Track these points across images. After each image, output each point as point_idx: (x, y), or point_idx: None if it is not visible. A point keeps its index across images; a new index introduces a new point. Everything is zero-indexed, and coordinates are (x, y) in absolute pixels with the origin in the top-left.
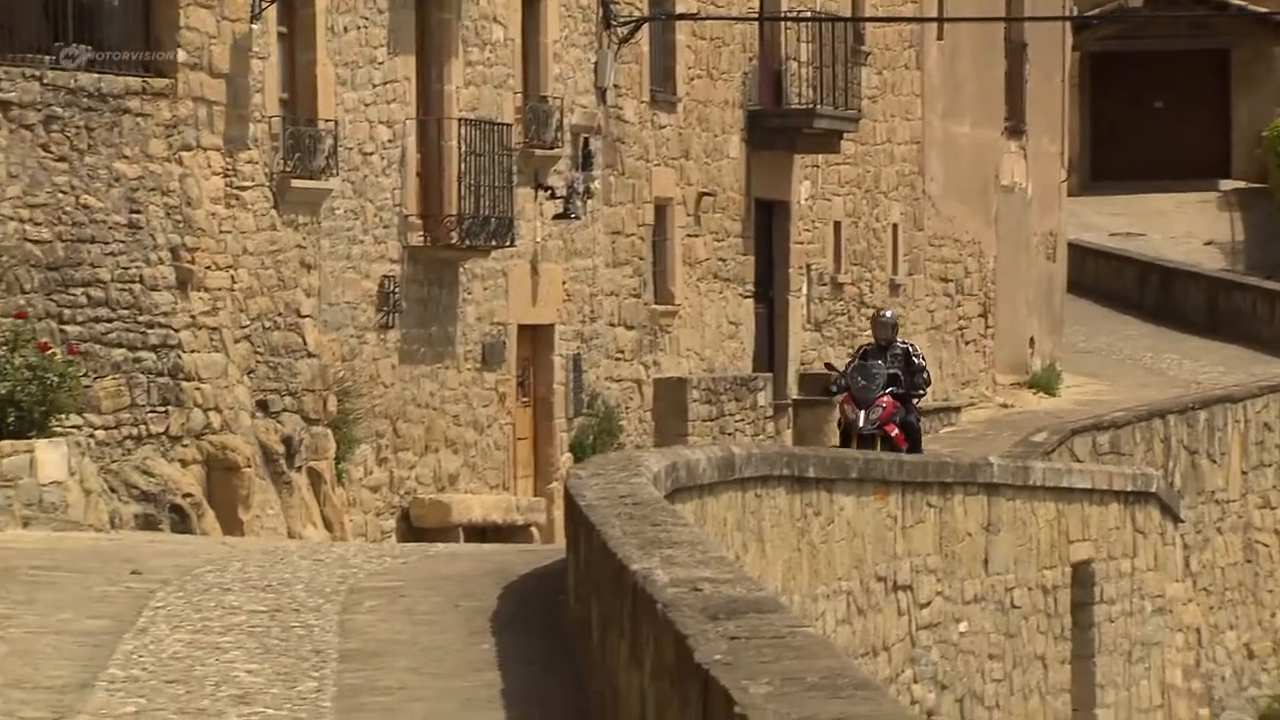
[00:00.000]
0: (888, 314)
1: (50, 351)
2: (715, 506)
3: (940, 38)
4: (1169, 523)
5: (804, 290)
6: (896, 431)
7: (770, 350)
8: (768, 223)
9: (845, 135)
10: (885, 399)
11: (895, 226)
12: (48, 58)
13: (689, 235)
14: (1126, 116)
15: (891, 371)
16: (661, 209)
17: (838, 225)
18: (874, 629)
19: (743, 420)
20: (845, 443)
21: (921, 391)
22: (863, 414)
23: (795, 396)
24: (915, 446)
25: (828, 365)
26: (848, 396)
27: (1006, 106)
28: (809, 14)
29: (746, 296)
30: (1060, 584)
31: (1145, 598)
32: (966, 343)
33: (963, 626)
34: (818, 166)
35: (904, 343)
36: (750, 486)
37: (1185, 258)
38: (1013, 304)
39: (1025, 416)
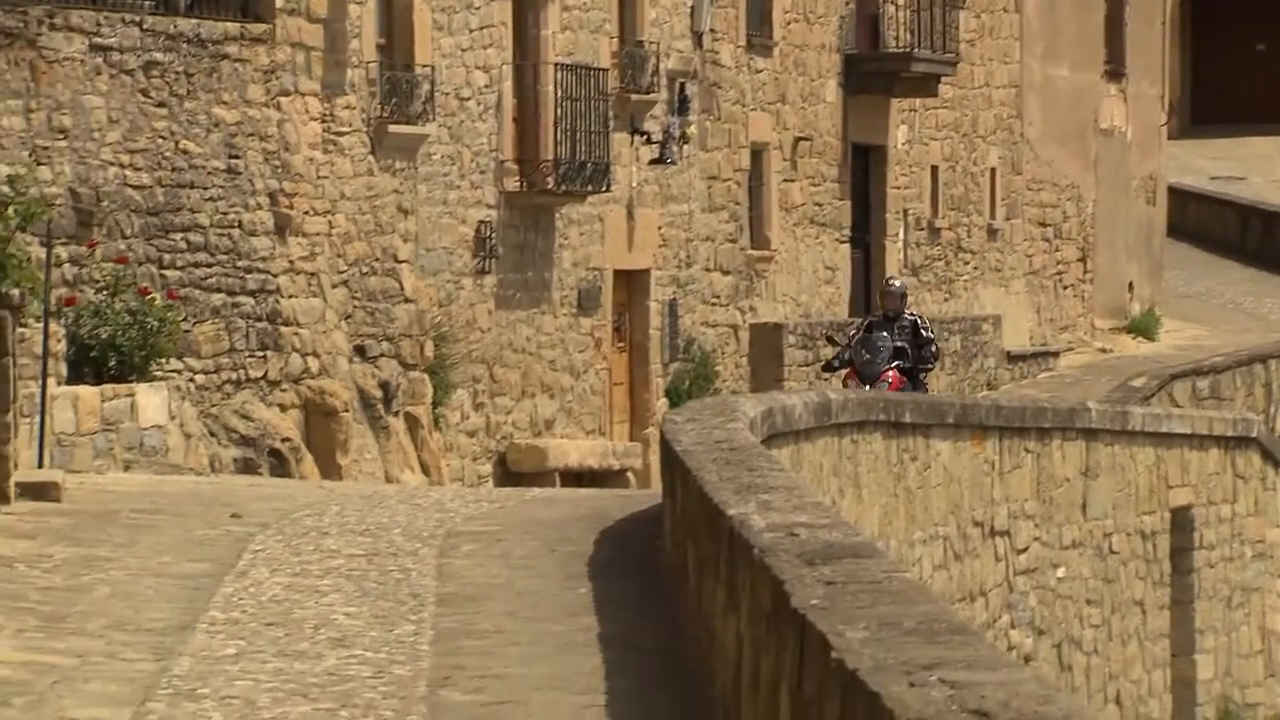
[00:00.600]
0: (896, 283)
1: (150, 296)
2: (811, 452)
3: None
4: (1270, 468)
5: (900, 235)
6: None
7: (866, 295)
8: (864, 167)
9: (943, 79)
10: (891, 373)
11: (993, 171)
12: (148, 3)
13: (785, 180)
14: (1227, 59)
15: (898, 344)
16: (758, 154)
17: (935, 170)
18: (971, 574)
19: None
20: None
21: (930, 365)
22: (867, 389)
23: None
24: None
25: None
26: (851, 372)
27: (1106, 49)
28: None
29: (843, 241)
30: (1159, 529)
31: (1245, 543)
32: (1065, 288)
33: (1060, 572)
34: (915, 110)
35: (912, 313)
36: (846, 432)
37: None
38: (1112, 248)
39: (1124, 361)
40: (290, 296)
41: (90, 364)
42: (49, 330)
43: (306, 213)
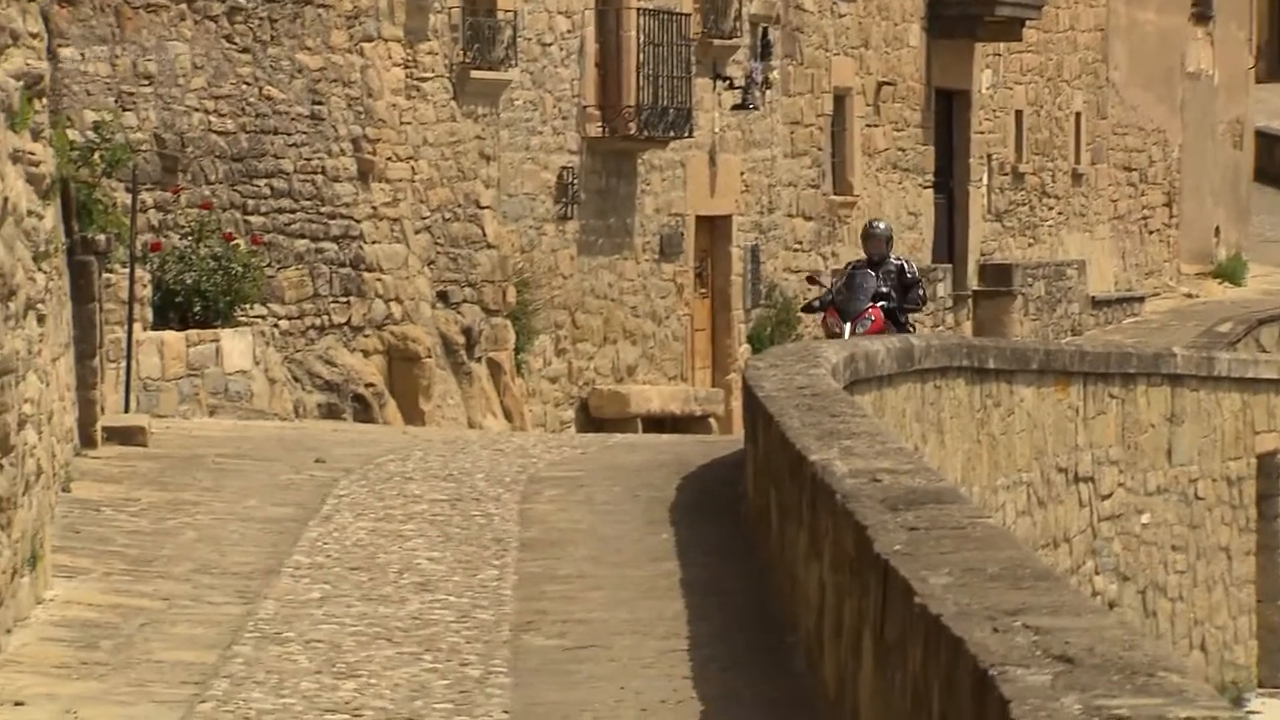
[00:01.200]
0: (880, 225)
1: (234, 242)
2: (894, 398)
3: None
4: None
5: (984, 180)
6: None
7: (950, 241)
8: (948, 112)
9: (1027, 22)
10: (875, 311)
11: (1078, 115)
12: None
13: (868, 125)
14: None
15: (882, 289)
16: (840, 99)
17: (1019, 114)
18: (1055, 521)
19: (922, 311)
20: None
21: (917, 307)
22: (847, 327)
23: (975, 288)
24: None
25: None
26: (832, 309)
27: None
28: None
29: (926, 187)
30: (1245, 475)
31: None
32: (1150, 232)
33: (1145, 518)
34: (999, 55)
35: (898, 258)
36: (929, 378)
37: None
38: (1198, 193)
39: (1210, 307)
40: (373, 242)
41: (176, 309)
42: (135, 276)
43: (389, 159)
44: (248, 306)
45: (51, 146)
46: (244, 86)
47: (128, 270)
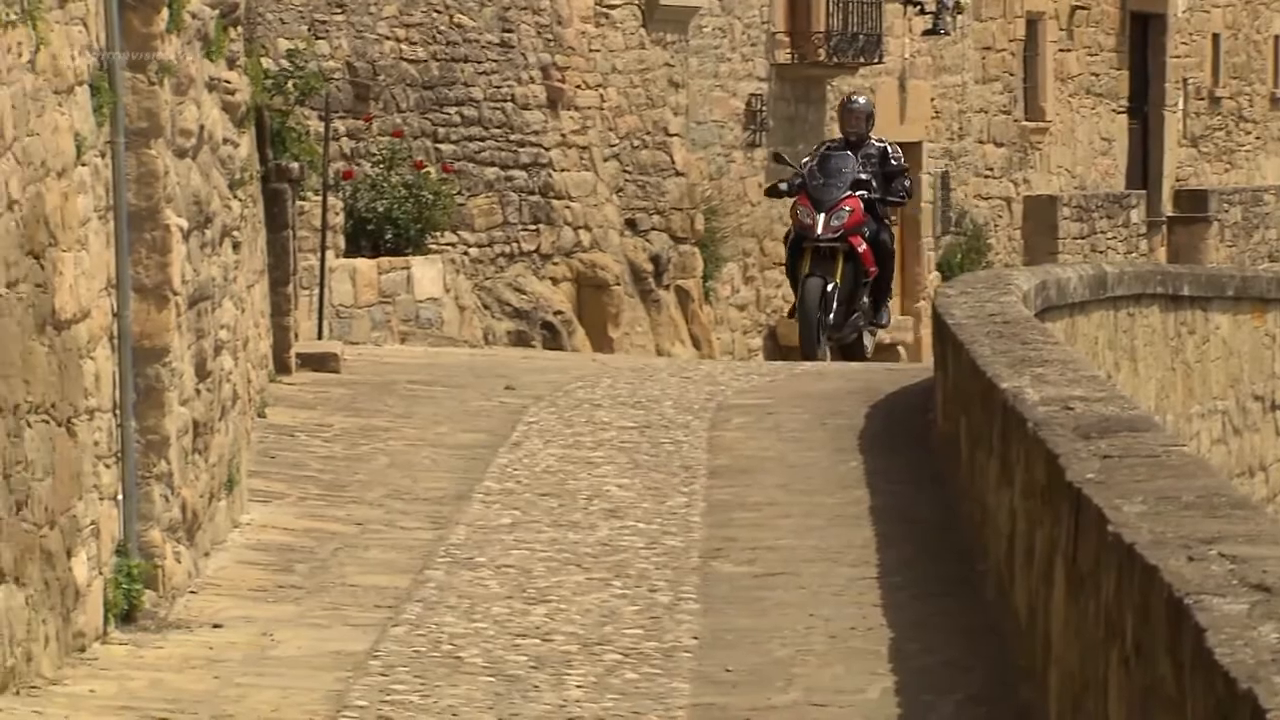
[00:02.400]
0: (860, 100)
1: (425, 170)
2: (1086, 325)
3: None
4: None
5: (1180, 105)
6: (864, 248)
7: (1144, 167)
8: (1143, 36)
9: None
10: (852, 200)
11: (1276, 39)
12: None
13: (1061, 50)
14: None
15: (861, 175)
16: (1033, 23)
17: (1215, 38)
18: (1250, 449)
19: (1114, 238)
20: (793, 257)
21: (902, 199)
22: (821, 218)
23: (1169, 214)
24: (885, 274)
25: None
26: (803, 197)
27: None
28: None
29: (1120, 112)
30: None
31: None
32: None
33: None
34: None
35: (880, 140)
36: (1122, 305)
37: None
38: None
39: None
40: (562, 170)
41: (367, 237)
42: (327, 203)
43: (578, 86)
44: (438, 234)
45: (246, 75)
46: (434, 14)
47: (320, 198)
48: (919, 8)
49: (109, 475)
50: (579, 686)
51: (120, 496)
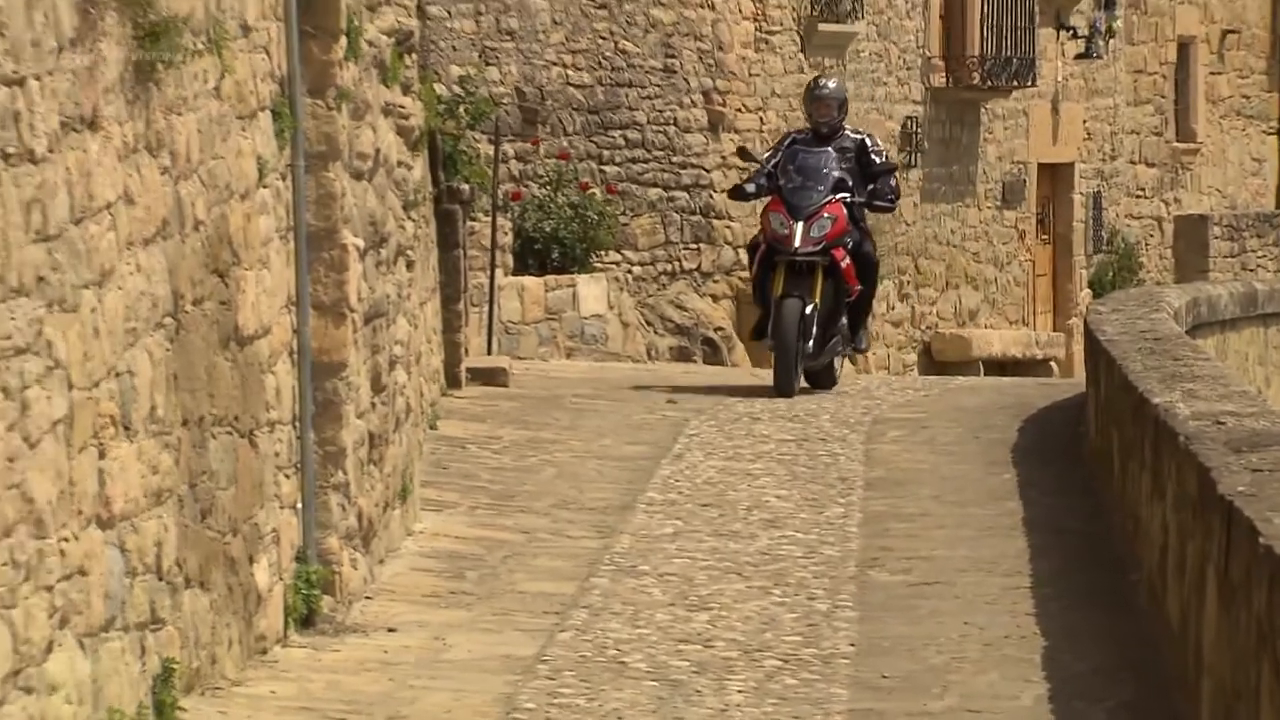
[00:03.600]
0: (830, 85)
1: (590, 191)
2: (1237, 341)
3: None
4: None
5: None
6: (847, 262)
7: None
8: None
9: None
10: (834, 206)
11: None
12: None
13: (1212, 73)
14: None
15: (837, 173)
16: (1184, 47)
17: None
18: None
19: (1265, 256)
20: (764, 274)
21: (889, 204)
22: (799, 228)
23: None
24: (868, 291)
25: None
26: (775, 201)
27: None
28: None
29: (1270, 133)
30: None
31: None
32: None
33: None
34: None
35: (857, 131)
36: (1273, 322)
37: None
38: None
39: None
40: (722, 191)
41: (535, 256)
42: (497, 224)
43: (739, 110)
44: (602, 253)
45: (420, 100)
46: (600, 41)
47: (490, 218)
48: (1072, 32)
49: (289, 485)
50: (740, 691)
51: (299, 505)
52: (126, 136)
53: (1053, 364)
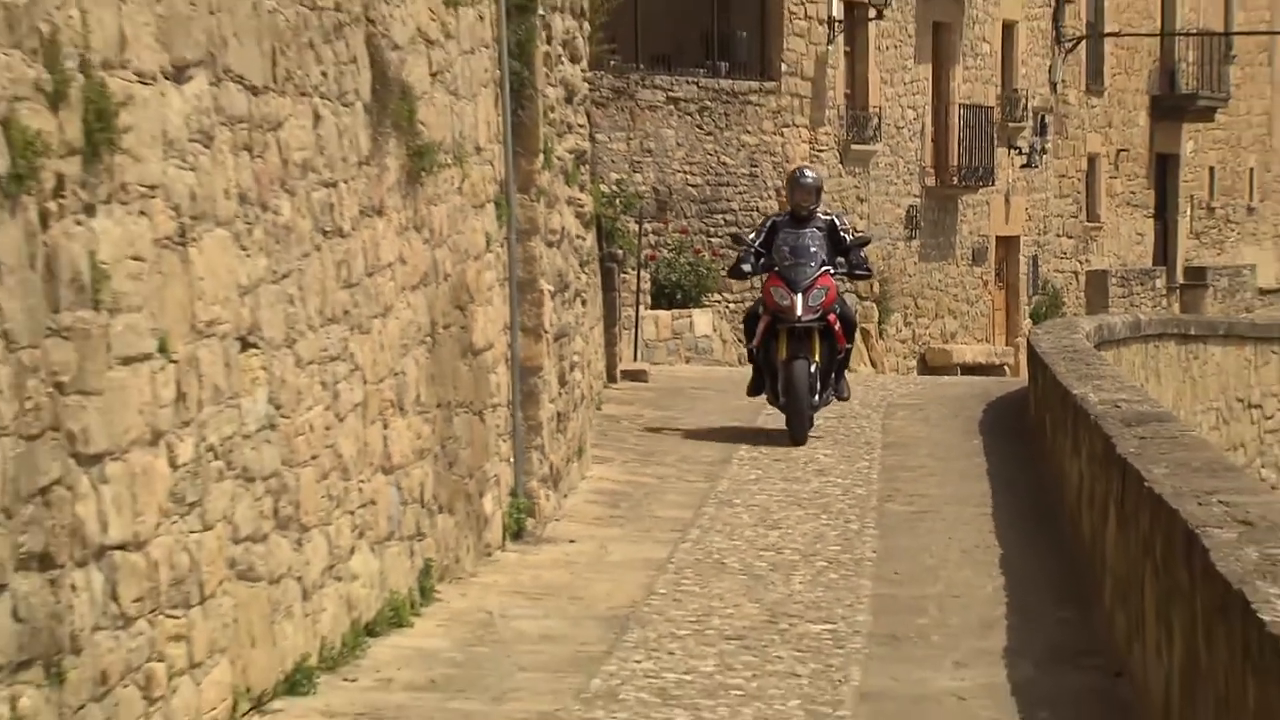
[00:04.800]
0: (809, 175)
1: (701, 254)
2: (1127, 354)
3: None
4: None
5: (1187, 212)
6: (839, 325)
7: (1165, 252)
8: (1163, 169)
9: (1218, 110)
10: (825, 279)
11: (1251, 170)
12: (701, 70)
13: (1110, 177)
14: None
15: (821, 251)
16: (1092, 160)
17: (1211, 169)
18: (1235, 434)
19: (1144, 298)
20: (766, 340)
21: (865, 273)
22: (798, 299)
23: (1181, 282)
24: (849, 344)
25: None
26: (774, 278)
27: None
28: (1195, 30)
29: (1148, 217)
30: None
31: None
32: None
33: None
34: (1199, 130)
35: (828, 213)
36: (1150, 340)
37: None
38: None
39: None
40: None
41: (665, 297)
42: (640, 276)
43: None
44: (709, 295)
45: (590, 195)
46: (707, 156)
47: (635, 272)
48: (1018, 150)
49: (505, 446)
50: (800, 582)
51: (512, 459)
52: (401, 219)
53: (1006, 368)
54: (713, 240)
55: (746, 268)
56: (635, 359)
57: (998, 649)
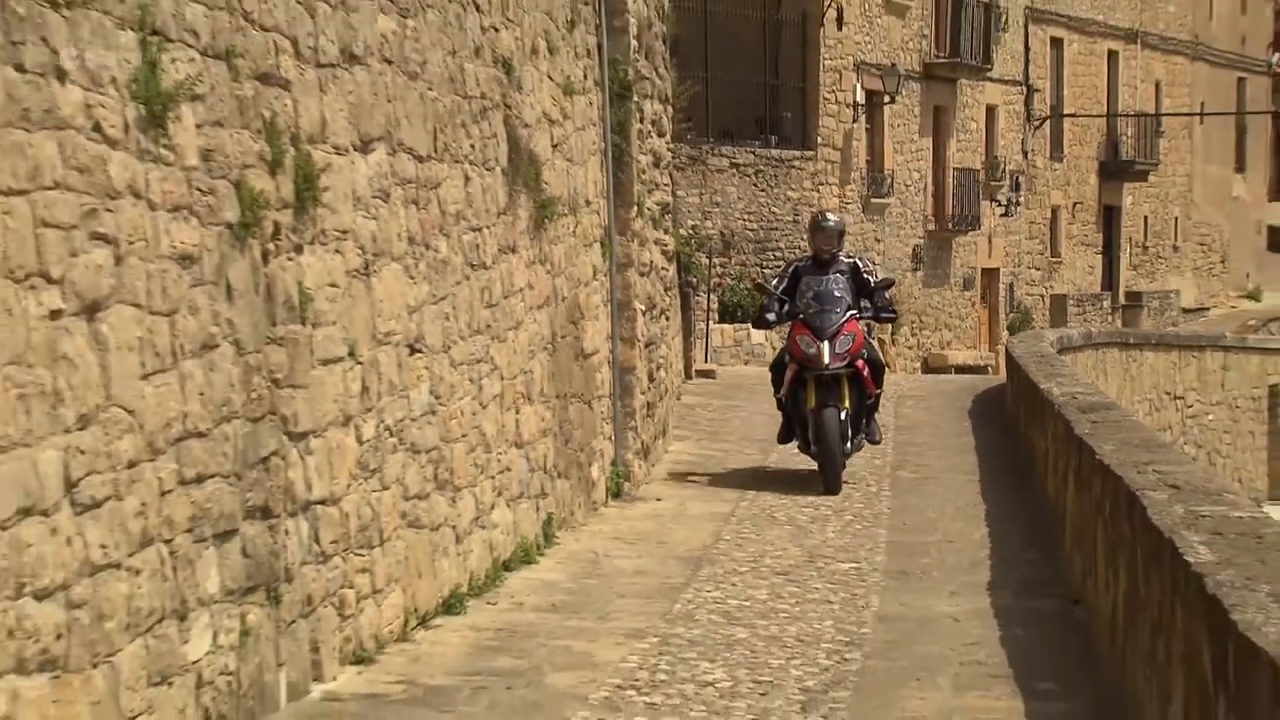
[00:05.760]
0: (833, 219)
1: (758, 283)
2: (1082, 358)
3: (1201, 122)
4: None
5: (1127, 250)
6: (867, 370)
7: (1110, 280)
8: (1109, 217)
9: (1150, 173)
10: (852, 324)
11: (1175, 218)
12: (756, 142)
13: (1068, 223)
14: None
15: (846, 296)
16: (1055, 210)
17: (1145, 218)
18: (1163, 419)
19: (1095, 316)
20: (795, 388)
21: (891, 316)
22: (825, 347)
23: (1123, 304)
24: (880, 389)
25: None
26: (799, 325)
27: (1235, 155)
28: (1132, 112)
29: (1098, 253)
30: (1261, 396)
31: None
32: (1214, 276)
33: (1210, 417)
34: (1136, 188)
35: (849, 256)
36: (1099, 347)
37: None
38: (1238, 256)
39: (1243, 313)
40: None
41: (729, 315)
42: (709, 298)
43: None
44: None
45: (672, 236)
46: (761, 208)
47: (706, 296)
48: (998, 202)
49: (608, 427)
50: (832, 531)
51: (613, 437)
52: (530, 255)
53: (989, 368)
54: (765, 271)
55: (771, 317)
56: (706, 361)
57: (983, 582)
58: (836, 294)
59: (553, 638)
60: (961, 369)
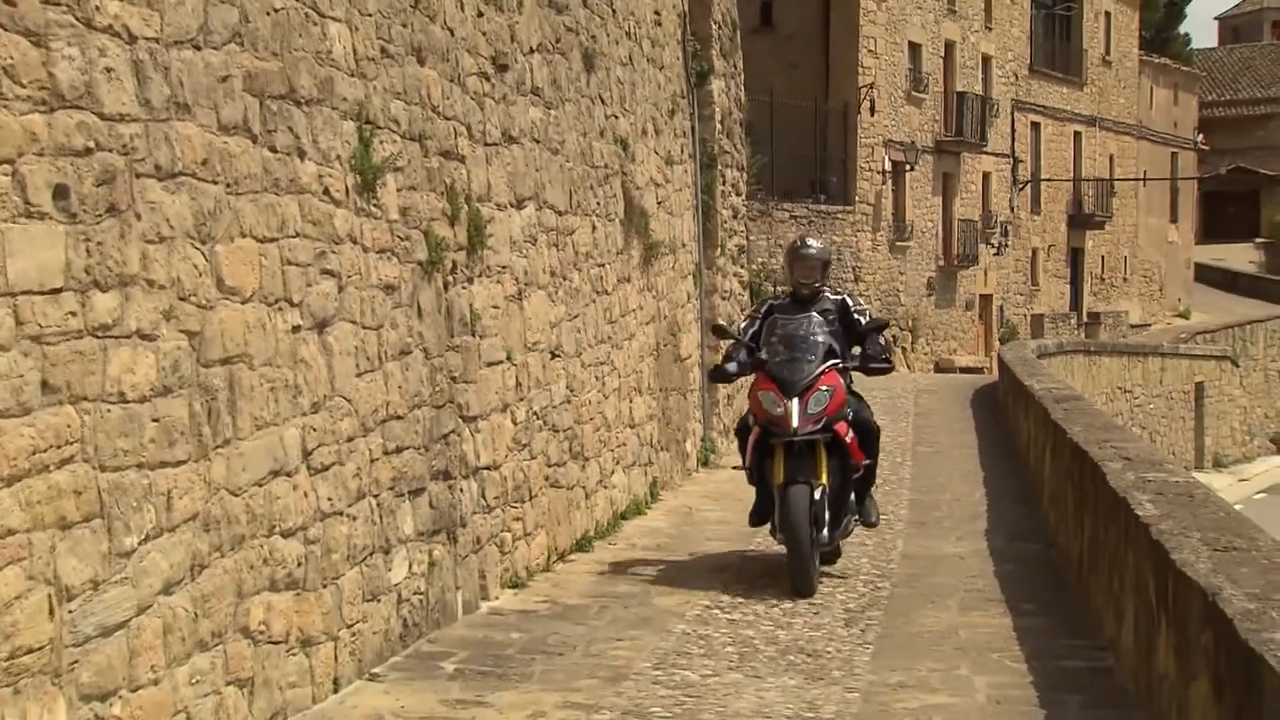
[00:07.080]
0: (814, 245)
1: (715, 325)
2: (1055, 361)
3: (1144, 185)
4: (1233, 366)
5: (1088, 280)
6: (851, 436)
7: (1076, 303)
8: (1075, 257)
9: (1106, 223)
10: (830, 377)
11: (1125, 257)
12: (809, 199)
13: (1045, 261)
14: (1224, 212)
15: (825, 340)
16: (1034, 251)
17: (1103, 257)
18: (1116, 408)
19: (1065, 330)
20: (759, 458)
21: (885, 364)
22: (794, 406)
23: (1086, 321)
24: (873, 459)
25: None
26: (762, 379)
27: (1170, 207)
28: (1093, 178)
29: (1067, 283)
30: (1189, 390)
31: (1228, 400)
32: (1153, 299)
33: (1151, 406)
34: (1095, 234)
35: (836, 292)
36: (1069, 354)
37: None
38: (1172, 285)
39: (1176, 327)
40: (856, 312)
41: None
42: None
43: (866, 279)
44: None
45: (746, 270)
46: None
47: None
48: (992, 245)
49: (698, 413)
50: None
51: (701, 420)
52: (640, 284)
53: (985, 369)
54: None
55: (732, 367)
56: None
57: (981, 530)
58: (813, 338)
59: (658, 568)
60: (965, 370)
